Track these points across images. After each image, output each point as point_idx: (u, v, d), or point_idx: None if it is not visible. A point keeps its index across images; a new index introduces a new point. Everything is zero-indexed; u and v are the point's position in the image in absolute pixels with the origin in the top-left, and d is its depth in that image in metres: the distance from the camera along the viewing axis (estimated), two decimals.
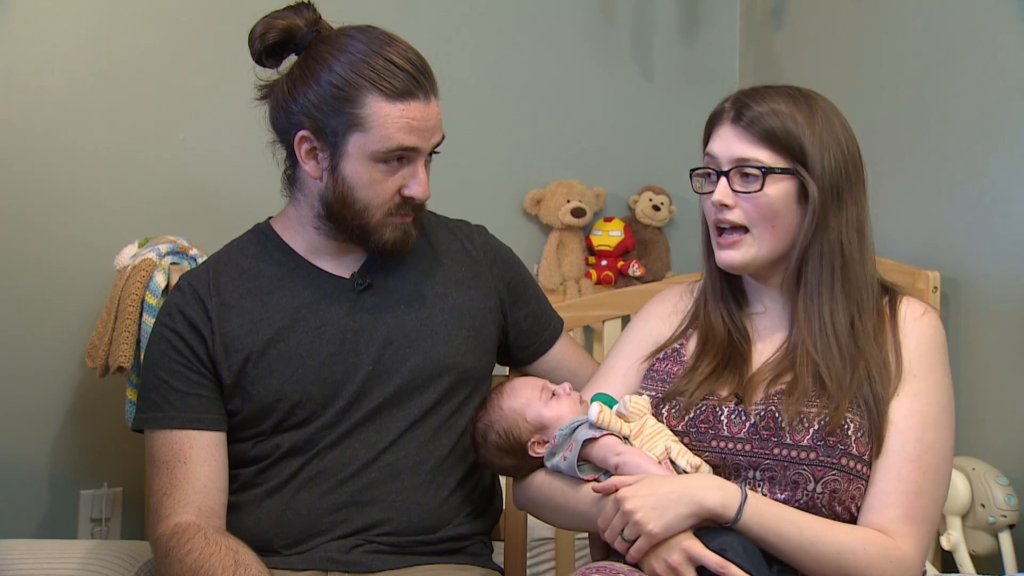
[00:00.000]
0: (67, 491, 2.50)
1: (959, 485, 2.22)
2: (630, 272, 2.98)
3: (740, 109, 1.54)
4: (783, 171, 1.52)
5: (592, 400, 1.59)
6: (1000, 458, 2.27)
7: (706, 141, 1.60)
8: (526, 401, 1.64)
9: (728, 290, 1.64)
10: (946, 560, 2.32)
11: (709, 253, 1.63)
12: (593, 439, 1.53)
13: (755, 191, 1.52)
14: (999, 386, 2.32)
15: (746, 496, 1.42)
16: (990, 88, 2.35)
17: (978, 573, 2.17)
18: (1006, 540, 2.19)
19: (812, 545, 1.42)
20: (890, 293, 1.61)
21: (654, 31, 3.08)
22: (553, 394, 1.64)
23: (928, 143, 2.51)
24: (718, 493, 1.42)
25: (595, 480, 1.53)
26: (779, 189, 1.52)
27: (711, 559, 1.40)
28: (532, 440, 1.62)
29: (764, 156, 1.52)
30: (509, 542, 1.92)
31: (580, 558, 2.34)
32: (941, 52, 2.48)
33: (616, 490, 1.46)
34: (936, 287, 2.38)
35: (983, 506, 2.19)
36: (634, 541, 1.43)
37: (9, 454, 2.44)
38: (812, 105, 1.55)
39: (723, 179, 1.54)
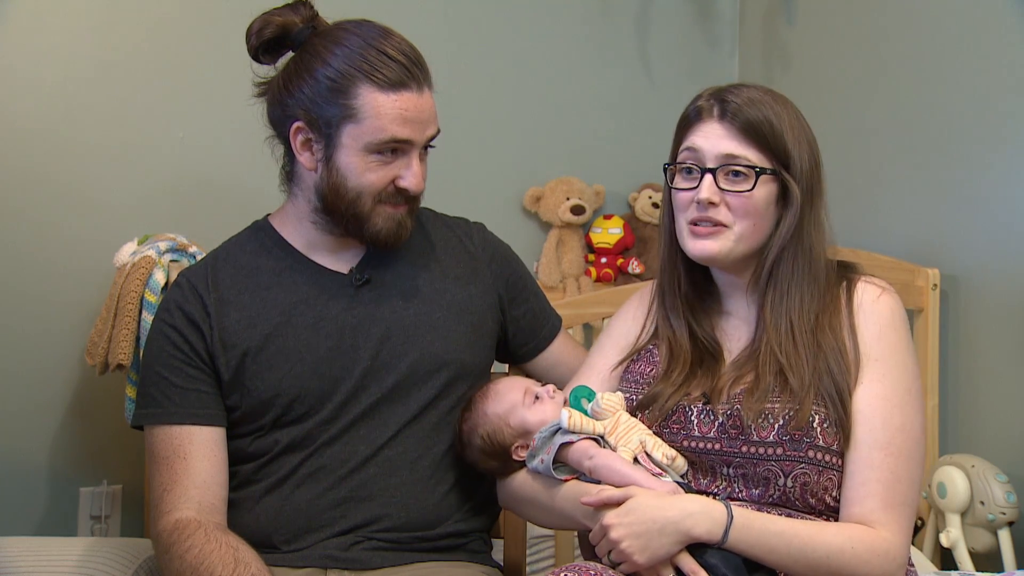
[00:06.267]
0: (67, 488, 2.50)
1: (958, 482, 2.22)
2: (630, 270, 2.98)
3: (724, 106, 1.53)
4: (771, 172, 1.52)
5: (571, 394, 1.61)
6: (999, 455, 2.27)
7: (681, 137, 1.57)
8: (509, 406, 1.65)
9: (692, 291, 1.63)
10: (945, 557, 2.32)
11: (671, 251, 1.62)
12: (569, 443, 1.55)
13: (746, 191, 1.51)
14: (998, 383, 2.32)
15: (732, 518, 1.42)
16: (990, 86, 2.35)
17: (977, 571, 2.17)
18: (1005, 537, 2.19)
19: (801, 553, 1.43)
20: (847, 277, 1.59)
21: (654, 28, 3.08)
22: (536, 397, 1.65)
23: (928, 141, 2.51)
24: (705, 521, 1.42)
25: (574, 479, 1.56)
26: (766, 190, 1.53)
27: (687, 565, 1.42)
28: (516, 445, 1.64)
29: (752, 155, 1.51)
30: (508, 539, 1.92)
31: (580, 555, 2.34)
32: (941, 50, 2.48)
33: (603, 504, 1.47)
34: (936, 284, 2.39)
35: (982, 503, 2.19)
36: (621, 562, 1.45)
37: (9, 451, 2.44)
38: (786, 104, 1.56)
39: (708, 176, 1.52)
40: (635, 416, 1.59)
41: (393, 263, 1.75)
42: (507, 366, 1.94)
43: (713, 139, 1.52)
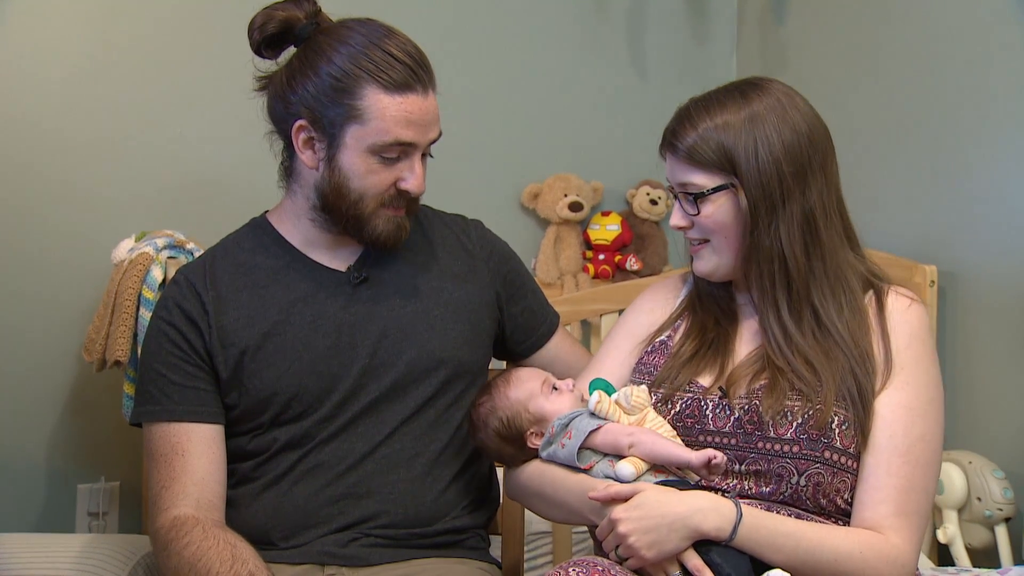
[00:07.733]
0: (64, 485, 2.50)
1: (955, 479, 2.22)
2: (627, 266, 2.98)
3: (672, 140, 1.56)
4: (715, 190, 1.53)
5: (591, 387, 1.59)
6: (997, 452, 2.27)
7: None
8: (529, 393, 1.65)
9: (711, 285, 1.65)
10: (942, 553, 2.32)
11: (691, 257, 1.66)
12: (597, 428, 1.53)
13: (694, 214, 1.55)
14: (996, 380, 2.32)
15: (741, 516, 1.41)
16: (987, 83, 2.35)
17: (974, 566, 2.18)
18: (1002, 533, 2.19)
19: (809, 554, 1.42)
20: (875, 286, 1.59)
21: (651, 24, 3.08)
22: (555, 388, 1.65)
23: (926, 138, 2.51)
24: (714, 517, 1.41)
25: (590, 468, 1.54)
26: (716, 206, 1.54)
27: (692, 561, 1.41)
28: (530, 431, 1.63)
29: (699, 179, 1.53)
30: (506, 536, 1.92)
31: (578, 551, 2.34)
32: (938, 47, 2.48)
33: (611, 500, 1.46)
34: (933, 281, 2.39)
35: (979, 499, 2.20)
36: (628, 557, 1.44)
37: (7, 448, 2.44)
38: (751, 103, 1.53)
39: (677, 203, 1.58)
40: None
41: (391, 261, 1.75)
42: (505, 363, 1.94)
43: (669, 169, 1.58)
